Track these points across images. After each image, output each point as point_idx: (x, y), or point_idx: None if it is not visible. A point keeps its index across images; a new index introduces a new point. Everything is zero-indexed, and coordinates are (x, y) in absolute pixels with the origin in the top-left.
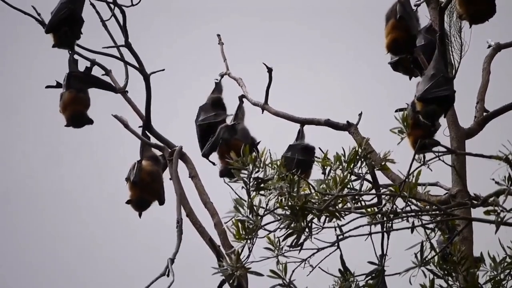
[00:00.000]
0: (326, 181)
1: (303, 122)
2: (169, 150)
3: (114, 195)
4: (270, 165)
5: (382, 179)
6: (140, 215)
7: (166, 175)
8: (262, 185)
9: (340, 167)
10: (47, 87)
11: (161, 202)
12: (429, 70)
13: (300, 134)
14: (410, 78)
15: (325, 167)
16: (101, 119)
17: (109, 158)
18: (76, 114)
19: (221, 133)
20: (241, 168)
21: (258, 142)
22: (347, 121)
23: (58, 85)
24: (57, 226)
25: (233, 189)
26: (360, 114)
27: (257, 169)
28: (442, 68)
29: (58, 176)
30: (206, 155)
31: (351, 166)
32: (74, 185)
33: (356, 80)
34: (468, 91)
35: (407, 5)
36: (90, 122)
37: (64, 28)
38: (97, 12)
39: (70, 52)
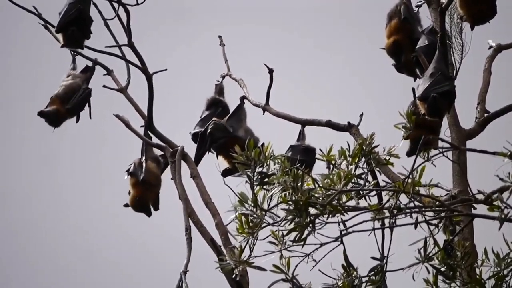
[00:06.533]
0: (330, 176)
1: (304, 123)
2: (171, 150)
3: (115, 195)
4: (273, 160)
5: (382, 178)
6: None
7: (166, 175)
8: (266, 179)
9: (345, 162)
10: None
11: (156, 208)
12: (428, 71)
13: (301, 135)
14: (414, 80)
15: (330, 162)
16: (102, 119)
17: (110, 158)
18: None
19: (210, 130)
20: (245, 162)
21: (262, 144)
22: (348, 122)
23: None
24: (55, 228)
25: (232, 190)
26: (361, 115)
27: (261, 164)
28: (441, 67)
29: (58, 176)
30: (196, 159)
31: (356, 161)
32: (73, 185)
33: (357, 81)
34: (469, 92)
35: (411, 6)
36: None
37: (72, 28)
38: (99, 12)
39: (72, 52)
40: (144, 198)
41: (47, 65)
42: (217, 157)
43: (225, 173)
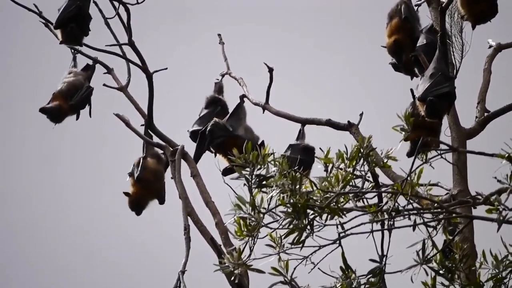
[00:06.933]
0: (328, 179)
1: (304, 122)
2: (171, 149)
3: (115, 195)
4: (272, 162)
5: (382, 178)
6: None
7: (167, 174)
8: (264, 182)
9: (342, 164)
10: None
11: (162, 202)
12: (428, 71)
13: (301, 134)
14: (411, 78)
15: (327, 164)
16: (102, 117)
17: (110, 158)
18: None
19: (210, 128)
20: (243, 165)
21: (262, 141)
22: (348, 121)
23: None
24: (55, 228)
25: (233, 189)
26: (361, 114)
27: (259, 167)
28: (441, 67)
29: (58, 176)
30: (196, 157)
31: (353, 164)
32: (73, 185)
33: (357, 81)
34: (469, 91)
35: (411, 6)
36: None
37: (71, 24)
38: (100, 10)
39: (72, 50)
40: (141, 197)
41: (47, 64)
42: (215, 155)
43: (226, 172)
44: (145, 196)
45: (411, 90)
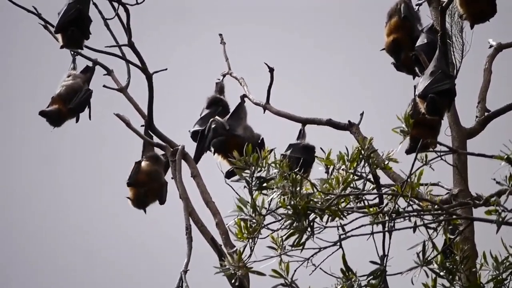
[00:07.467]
0: (329, 181)
1: (304, 121)
2: (171, 149)
3: (115, 195)
4: (273, 164)
5: (383, 179)
6: (145, 211)
7: (168, 174)
8: (264, 184)
9: (343, 166)
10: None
11: (162, 202)
12: (429, 69)
13: (302, 134)
14: (413, 78)
15: (328, 166)
16: (102, 118)
17: (110, 158)
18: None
19: (213, 126)
20: (244, 167)
21: (262, 139)
22: (349, 121)
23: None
24: (55, 228)
25: (234, 189)
26: (362, 114)
27: (259, 169)
28: (441, 66)
29: (58, 176)
30: (196, 156)
31: (354, 166)
32: (73, 185)
33: (357, 81)
34: (469, 91)
35: (411, 5)
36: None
37: (72, 28)
38: (99, 11)
39: (72, 52)
40: (140, 197)
41: (47, 65)
42: (214, 153)
43: (229, 175)
44: (144, 197)
45: (415, 87)
